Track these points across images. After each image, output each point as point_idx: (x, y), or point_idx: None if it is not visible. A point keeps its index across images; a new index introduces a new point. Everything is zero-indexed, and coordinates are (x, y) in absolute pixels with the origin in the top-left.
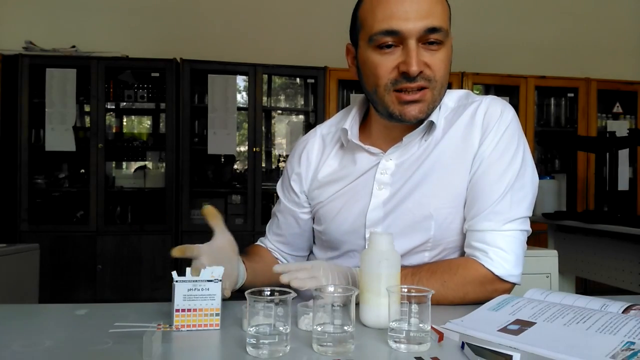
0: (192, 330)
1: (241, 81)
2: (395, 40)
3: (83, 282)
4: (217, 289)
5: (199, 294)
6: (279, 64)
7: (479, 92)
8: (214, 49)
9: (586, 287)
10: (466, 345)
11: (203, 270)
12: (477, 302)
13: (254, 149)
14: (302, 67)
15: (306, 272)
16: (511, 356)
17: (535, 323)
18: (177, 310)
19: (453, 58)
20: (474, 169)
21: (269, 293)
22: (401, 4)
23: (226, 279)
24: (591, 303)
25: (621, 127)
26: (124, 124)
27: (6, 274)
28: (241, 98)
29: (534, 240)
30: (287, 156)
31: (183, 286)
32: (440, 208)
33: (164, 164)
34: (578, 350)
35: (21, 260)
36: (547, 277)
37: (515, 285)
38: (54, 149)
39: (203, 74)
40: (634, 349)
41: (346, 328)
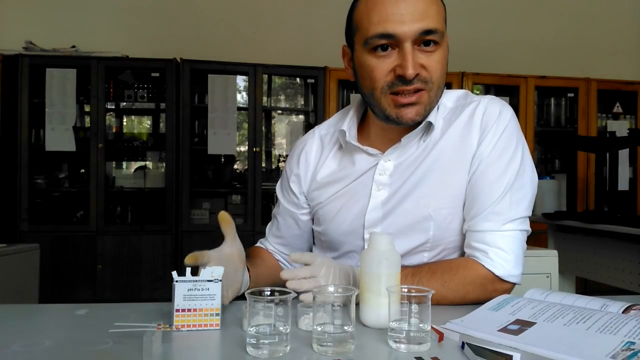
0: (192, 330)
1: (241, 81)
2: (391, 43)
3: (83, 282)
4: (217, 289)
5: (199, 294)
6: (279, 64)
7: (479, 92)
8: (214, 49)
9: (586, 287)
10: (466, 345)
11: (203, 270)
12: (477, 302)
13: (254, 149)
14: (302, 67)
15: (307, 271)
16: (511, 356)
17: (536, 323)
18: (177, 310)
19: (452, 58)
20: (472, 169)
21: (269, 293)
22: (396, 6)
23: (230, 287)
24: (591, 303)
25: (621, 127)
26: (124, 124)
27: (6, 274)
28: (241, 98)
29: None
30: (287, 156)
31: (183, 286)
32: (439, 208)
33: (164, 164)
34: (578, 350)
35: (21, 260)
36: (547, 277)
37: (515, 285)
38: (54, 149)
39: (203, 74)
40: (634, 349)
41: (346, 328)
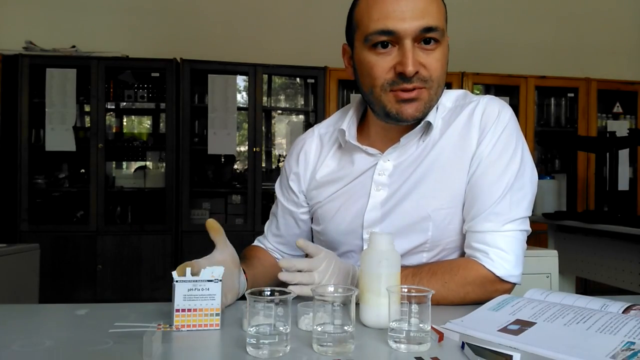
0: (192, 330)
1: (241, 81)
2: (391, 40)
3: (83, 282)
4: (217, 289)
5: (199, 294)
6: (279, 64)
7: (479, 92)
8: (214, 49)
9: (586, 287)
10: (466, 345)
11: (203, 270)
12: (478, 303)
13: (254, 149)
14: (302, 67)
15: (304, 264)
16: (511, 356)
17: (536, 323)
18: (177, 310)
19: (452, 58)
20: (472, 170)
21: (269, 293)
22: (397, 3)
23: (227, 292)
24: (591, 303)
25: (621, 127)
26: (124, 124)
27: (6, 274)
28: (241, 98)
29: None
30: (286, 157)
31: (183, 286)
32: (439, 209)
33: (164, 164)
34: (578, 350)
35: (21, 260)
36: (547, 277)
37: (516, 285)
38: (54, 149)
39: (203, 74)
40: (634, 349)
41: (346, 328)
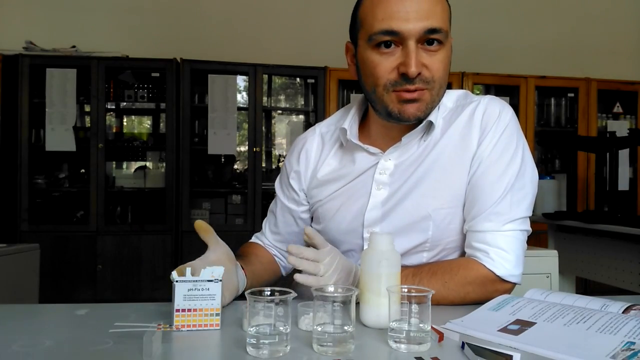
0: (192, 330)
1: (241, 81)
2: (395, 41)
3: (83, 282)
4: (217, 289)
5: (199, 294)
6: (279, 64)
7: (479, 92)
8: (214, 49)
9: (586, 287)
10: (466, 345)
11: (203, 270)
12: (478, 303)
13: (254, 149)
14: (302, 67)
15: (312, 253)
16: (511, 356)
17: (536, 323)
18: (177, 310)
19: (453, 58)
20: (473, 170)
21: (269, 293)
22: (401, 3)
23: (225, 290)
24: (591, 303)
25: (621, 127)
26: (124, 124)
27: (6, 274)
28: (241, 98)
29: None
30: (286, 155)
31: (183, 286)
32: (439, 208)
33: (164, 164)
34: (578, 350)
35: (21, 260)
36: (547, 277)
37: (516, 285)
38: (54, 149)
39: (203, 74)
40: (634, 349)
41: (346, 328)
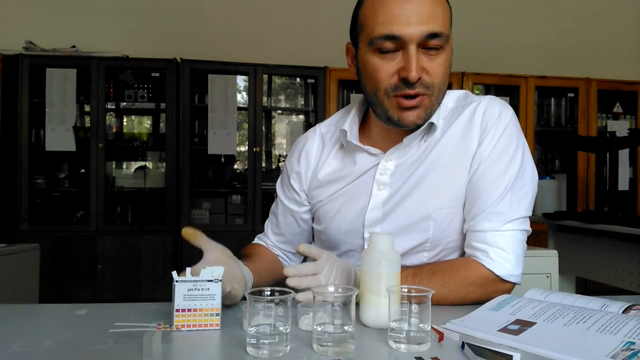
0: (192, 330)
1: (241, 81)
2: (396, 45)
3: (83, 282)
4: (217, 289)
5: (199, 294)
6: (279, 64)
7: (479, 92)
8: (214, 49)
9: (586, 287)
10: (466, 345)
11: (203, 270)
12: (478, 303)
13: (254, 149)
14: (302, 67)
15: (310, 268)
16: (511, 356)
17: (536, 323)
18: (177, 310)
19: (453, 58)
20: (473, 169)
21: (269, 293)
22: (402, 7)
23: (234, 282)
24: (591, 303)
25: (621, 127)
26: (124, 124)
27: (6, 274)
28: (241, 98)
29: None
30: (287, 156)
31: (183, 286)
32: (439, 208)
33: (164, 164)
34: (578, 350)
35: (21, 260)
36: (547, 277)
37: (516, 285)
38: (54, 149)
39: (203, 74)
40: (634, 349)
41: (346, 328)
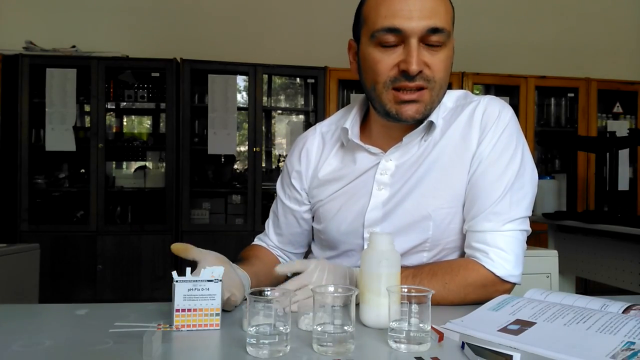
0: (192, 330)
1: (241, 81)
2: (397, 38)
3: (83, 282)
4: (217, 289)
5: (199, 294)
6: (279, 64)
7: (479, 92)
8: (214, 49)
9: (586, 287)
10: (466, 345)
11: (203, 270)
12: (478, 303)
13: (254, 149)
14: (302, 67)
15: (295, 284)
16: (511, 356)
17: (536, 323)
18: (177, 310)
19: (453, 58)
20: (472, 169)
21: (269, 293)
22: (405, 2)
23: (232, 287)
24: (591, 303)
25: (621, 127)
26: (124, 124)
27: (6, 274)
28: (241, 98)
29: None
30: (287, 156)
31: (183, 286)
32: (439, 208)
33: (164, 164)
34: (578, 350)
35: (21, 260)
36: (547, 277)
37: (516, 285)
38: (54, 149)
39: (203, 74)
40: (634, 349)
41: (346, 328)
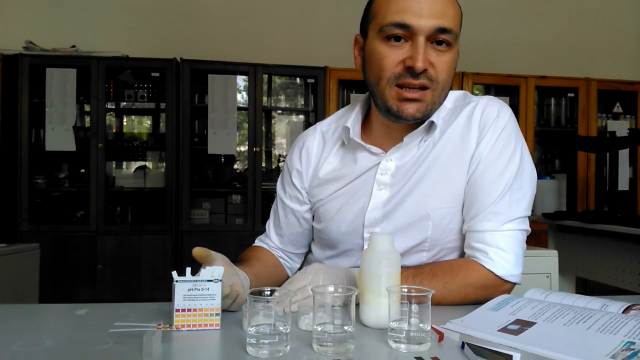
0: (192, 330)
1: (241, 81)
2: (405, 35)
3: (83, 282)
4: (217, 289)
5: (199, 294)
6: (279, 64)
7: (479, 92)
8: (214, 49)
9: (586, 287)
10: (466, 345)
11: (203, 270)
12: (478, 303)
13: (254, 149)
14: (302, 67)
15: (295, 284)
16: (511, 356)
17: (536, 323)
18: (177, 310)
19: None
20: (471, 170)
21: (269, 293)
22: (416, 0)
23: (239, 289)
24: (591, 303)
25: (621, 127)
26: (124, 123)
27: (6, 274)
28: (241, 98)
29: (534, 240)
30: (287, 155)
31: (183, 286)
32: (438, 208)
33: (164, 164)
34: (578, 350)
35: (21, 260)
36: (547, 277)
37: (516, 285)
38: (54, 149)
39: (203, 74)
40: (634, 349)
41: (346, 328)
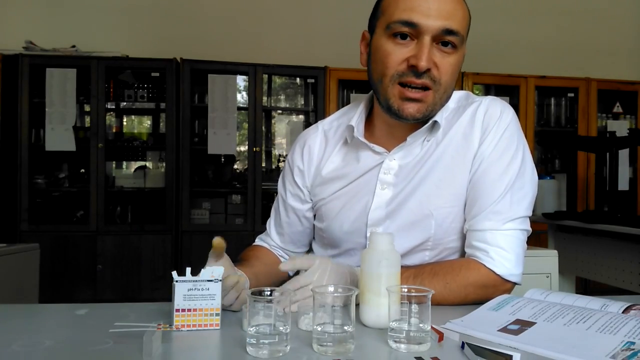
0: (192, 330)
1: (241, 81)
2: (412, 33)
3: (83, 282)
4: (217, 289)
5: (199, 294)
6: (279, 64)
7: (479, 92)
8: (214, 49)
9: (586, 287)
10: (466, 345)
11: (203, 270)
12: (478, 303)
13: (254, 148)
14: (302, 67)
15: (296, 284)
16: (511, 356)
17: (536, 323)
18: (177, 310)
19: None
20: (474, 169)
21: (269, 293)
22: (425, 0)
23: (242, 283)
24: (591, 303)
25: (621, 127)
26: (124, 123)
27: (6, 274)
28: (241, 98)
29: (534, 240)
30: (287, 155)
31: (183, 286)
32: (441, 207)
33: (164, 164)
34: (578, 350)
35: (21, 260)
36: (547, 277)
37: (516, 285)
38: (54, 148)
39: (203, 74)
40: (634, 349)
41: (346, 328)
